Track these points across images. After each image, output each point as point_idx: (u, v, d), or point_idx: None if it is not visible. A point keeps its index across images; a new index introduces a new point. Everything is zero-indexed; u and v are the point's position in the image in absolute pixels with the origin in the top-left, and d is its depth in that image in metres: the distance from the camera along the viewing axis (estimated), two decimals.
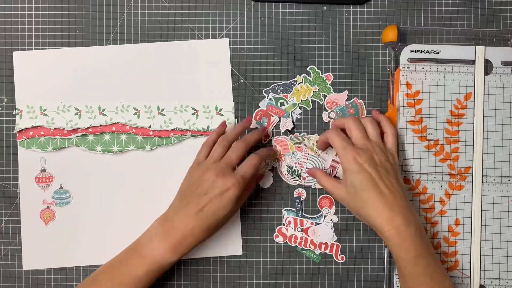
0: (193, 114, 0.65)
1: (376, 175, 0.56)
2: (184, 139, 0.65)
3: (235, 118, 0.65)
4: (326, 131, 0.61)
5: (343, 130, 0.61)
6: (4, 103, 0.65)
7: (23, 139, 0.65)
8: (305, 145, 0.64)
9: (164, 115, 0.65)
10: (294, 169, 0.65)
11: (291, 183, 0.65)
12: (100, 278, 0.57)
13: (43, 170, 0.65)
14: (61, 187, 0.65)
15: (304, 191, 0.65)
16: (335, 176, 0.64)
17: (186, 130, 0.65)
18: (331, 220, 0.65)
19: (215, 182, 0.56)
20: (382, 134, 0.61)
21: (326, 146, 0.64)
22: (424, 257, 0.54)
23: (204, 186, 0.56)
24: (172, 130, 0.65)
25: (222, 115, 0.65)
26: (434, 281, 0.54)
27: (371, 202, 0.55)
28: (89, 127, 0.65)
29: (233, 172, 0.57)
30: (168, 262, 0.56)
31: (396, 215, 0.55)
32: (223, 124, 0.63)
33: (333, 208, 0.65)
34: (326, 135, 0.61)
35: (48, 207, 0.65)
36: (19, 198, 0.65)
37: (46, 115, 0.65)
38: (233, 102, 0.65)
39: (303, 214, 0.65)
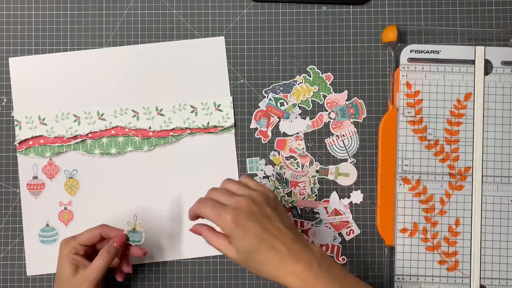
0: (192, 112, 0.65)
1: (261, 230, 0.52)
2: (181, 137, 0.65)
3: (234, 115, 0.65)
4: (196, 203, 0.55)
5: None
6: (4, 103, 0.65)
7: (23, 149, 0.65)
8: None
9: (163, 115, 0.65)
10: (283, 177, 0.65)
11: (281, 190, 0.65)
12: None
13: (35, 177, 0.65)
14: (47, 225, 0.65)
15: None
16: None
17: (186, 128, 0.65)
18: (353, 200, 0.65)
19: None
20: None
21: (197, 217, 0.56)
22: (336, 284, 0.51)
23: None
24: (172, 129, 0.65)
25: (221, 110, 0.65)
26: None
27: (267, 262, 0.51)
28: (89, 133, 0.64)
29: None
30: None
31: (295, 264, 0.51)
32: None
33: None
34: (195, 210, 0.55)
35: (65, 208, 0.65)
36: (19, 198, 0.65)
37: (45, 124, 0.65)
38: (231, 97, 0.65)
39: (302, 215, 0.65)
